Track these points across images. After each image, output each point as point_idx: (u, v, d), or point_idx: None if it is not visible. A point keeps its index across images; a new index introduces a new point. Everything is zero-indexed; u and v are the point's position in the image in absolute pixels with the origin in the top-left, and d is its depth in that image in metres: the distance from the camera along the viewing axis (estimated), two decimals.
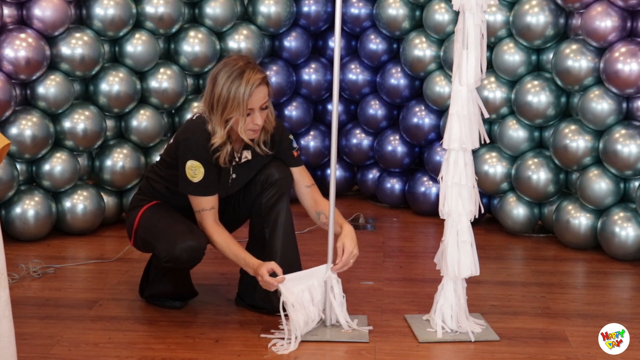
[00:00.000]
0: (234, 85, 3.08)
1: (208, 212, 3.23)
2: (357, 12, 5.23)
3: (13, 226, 4.33)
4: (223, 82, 3.10)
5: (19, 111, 4.32)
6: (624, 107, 4.21)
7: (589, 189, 4.24)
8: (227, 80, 3.09)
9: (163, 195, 3.37)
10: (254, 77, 3.09)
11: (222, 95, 3.10)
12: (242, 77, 3.08)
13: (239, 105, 3.08)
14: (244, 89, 3.07)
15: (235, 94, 3.08)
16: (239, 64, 3.12)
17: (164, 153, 3.38)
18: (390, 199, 5.24)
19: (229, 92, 3.09)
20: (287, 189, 3.35)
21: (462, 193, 3.10)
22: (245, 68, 3.10)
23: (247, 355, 2.99)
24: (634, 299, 3.70)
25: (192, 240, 3.18)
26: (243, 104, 3.08)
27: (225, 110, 3.10)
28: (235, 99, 3.08)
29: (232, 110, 3.10)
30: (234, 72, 3.10)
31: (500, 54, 4.59)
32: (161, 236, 3.22)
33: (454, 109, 3.07)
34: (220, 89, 3.10)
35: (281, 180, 3.32)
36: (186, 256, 3.18)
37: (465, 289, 3.20)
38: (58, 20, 4.33)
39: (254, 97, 3.10)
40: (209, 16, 4.86)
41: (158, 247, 3.22)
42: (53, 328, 3.21)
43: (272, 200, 3.31)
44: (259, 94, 3.11)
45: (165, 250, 3.18)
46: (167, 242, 3.18)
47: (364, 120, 5.30)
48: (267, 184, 3.31)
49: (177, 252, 3.15)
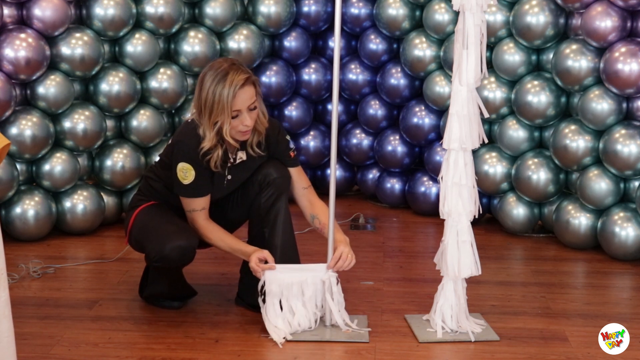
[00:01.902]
0: (218, 87, 3.06)
1: (199, 213, 3.24)
2: (357, 12, 5.23)
3: (13, 226, 4.33)
4: (208, 85, 3.09)
5: (19, 111, 4.32)
6: (624, 107, 4.21)
7: (589, 189, 4.24)
8: (212, 82, 3.08)
9: (161, 195, 3.37)
10: (237, 77, 3.07)
11: (208, 99, 3.08)
12: (225, 78, 3.07)
13: (224, 108, 3.06)
14: (228, 91, 3.05)
15: (219, 96, 3.06)
16: (223, 66, 3.10)
17: (162, 153, 3.38)
18: (390, 199, 5.24)
19: (214, 94, 3.07)
20: (286, 188, 3.33)
21: (462, 193, 3.10)
22: (229, 69, 3.08)
23: (247, 355, 2.99)
24: (634, 299, 3.70)
25: (181, 240, 3.17)
26: (228, 106, 3.06)
27: (212, 113, 3.09)
28: (220, 102, 3.06)
29: (218, 113, 3.08)
30: (218, 74, 3.08)
31: (500, 54, 4.59)
32: (151, 236, 3.22)
33: (454, 109, 3.07)
34: (206, 92, 3.09)
35: (279, 179, 3.31)
36: (175, 255, 3.16)
37: (465, 289, 3.20)
38: (58, 20, 4.33)
39: (238, 99, 3.08)
40: (209, 16, 4.86)
41: (148, 247, 3.22)
42: (53, 328, 3.21)
43: (271, 200, 3.30)
44: (244, 94, 3.09)
45: (154, 250, 3.18)
46: (157, 242, 3.18)
47: (364, 120, 5.30)
48: (265, 184, 3.30)
49: (166, 252, 3.15)
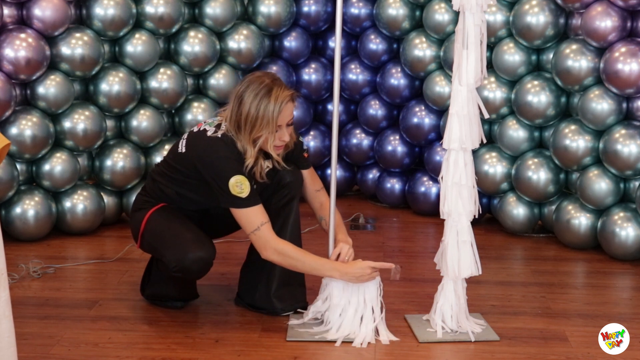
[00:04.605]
0: (263, 103, 3.06)
1: (267, 226, 3.10)
2: (357, 12, 5.23)
3: (13, 226, 4.33)
4: (250, 100, 3.07)
5: (19, 111, 4.32)
6: (624, 107, 4.21)
7: (589, 189, 4.25)
8: (255, 98, 3.06)
9: (172, 200, 3.32)
10: (282, 94, 3.08)
11: (250, 114, 3.07)
12: (270, 94, 3.06)
13: (268, 123, 3.06)
14: (273, 107, 3.05)
15: (264, 112, 3.06)
16: (266, 82, 3.09)
17: (172, 160, 3.29)
18: (390, 199, 5.24)
19: (257, 110, 3.06)
20: (298, 191, 3.35)
21: (462, 193, 3.10)
22: (273, 85, 3.08)
23: (247, 355, 2.99)
24: (634, 299, 3.70)
25: (202, 251, 3.14)
26: (273, 122, 3.06)
27: (255, 128, 3.07)
28: (265, 117, 3.06)
29: (261, 129, 3.07)
30: (261, 90, 3.07)
31: (500, 54, 4.59)
32: (170, 244, 3.18)
33: (454, 109, 3.07)
34: (248, 107, 3.07)
35: (293, 183, 3.32)
36: (196, 267, 3.15)
37: (465, 289, 3.20)
38: (58, 20, 4.33)
39: (282, 114, 3.08)
40: (209, 16, 4.86)
41: (167, 256, 3.18)
42: (53, 328, 3.21)
43: (282, 202, 3.31)
44: (287, 110, 3.10)
45: (175, 260, 3.14)
46: (177, 252, 3.14)
47: (364, 120, 5.31)
48: (280, 186, 3.30)
49: (187, 263, 3.13)
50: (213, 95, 4.92)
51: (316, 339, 3.10)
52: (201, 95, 4.94)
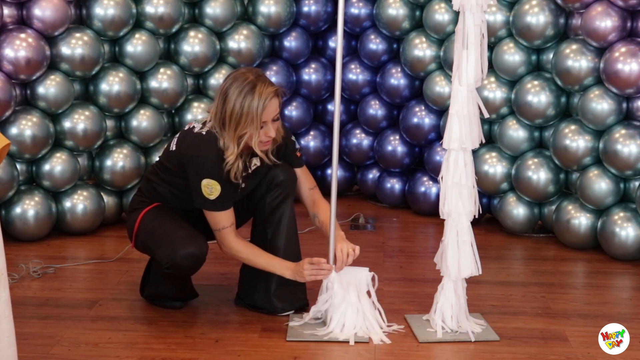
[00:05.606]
0: (247, 99, 3.06)
1: (228, 230, 3.20)
2: (357, 12, 5.23)
3: (13, 226, 4.33)
4: (235, 97, 3.07)
5: (19, 111, 4.32)
6: (624, 107, 4.21)
7: (589, 189, 4.24)
8: (239, 95, 3.07)
9: (166, 198, 3.34)
10: (266, 90, 3.08)
11: (234, 111, 3.07)
12: (254, 91, 3.06)
13: (252, 119, 3.06)
14: (257, 103, 3.06)
15: (248, 108, 3.06)
16: (250, 78, 3.09)
17: (164, 158, 3.32)
18: (390, 199, 5.24)
19: (242, 107, 3.06)
20: (292, 190, 3.36)
21: (462, 193, 3.10)
22: (257, 81, 3.08)
23: (247, 355, 2.99)
24: (634, 299, 3.70)
25: (193, 247, 3.16)
26: (257, 118, 3.06)
27: (239, 125, 3.08)
28: (249, 114, 3.06)
29: (246, 125, 3.07)
30: (245, 86, 3.07)
31: (500, 54, 4.59)
32: (162, 242, 3.20)
33: (454, 109, 3.07)
34: (232, 104, 3.07)
35: (286, 181, 3.32)
36: (187, 263, 3.17)
37: (465, 289, 3.20)
38: (58, 20, 4.33)
39: (267, 110, 3.08)
40: (209, 16, 4.86)
41: (159, 253, 3.21)
42: (53, 328, 3.21)
43: (277, 201, 3.31)
44: (271, 106, 3.10)
45: (166, 257, 3.17)
46: (168, 249, 3.17)
47: (364, 120, 5.31)
48: (272, 185, 3.31)
49: (178, 260, 3.15)
50: (213, 95, 4.92)
51: (325, 339, 3.09)
52: (201, 95, 4.94)
